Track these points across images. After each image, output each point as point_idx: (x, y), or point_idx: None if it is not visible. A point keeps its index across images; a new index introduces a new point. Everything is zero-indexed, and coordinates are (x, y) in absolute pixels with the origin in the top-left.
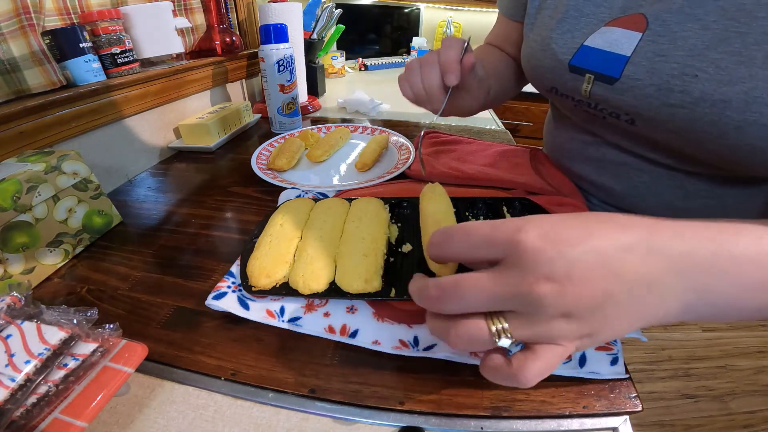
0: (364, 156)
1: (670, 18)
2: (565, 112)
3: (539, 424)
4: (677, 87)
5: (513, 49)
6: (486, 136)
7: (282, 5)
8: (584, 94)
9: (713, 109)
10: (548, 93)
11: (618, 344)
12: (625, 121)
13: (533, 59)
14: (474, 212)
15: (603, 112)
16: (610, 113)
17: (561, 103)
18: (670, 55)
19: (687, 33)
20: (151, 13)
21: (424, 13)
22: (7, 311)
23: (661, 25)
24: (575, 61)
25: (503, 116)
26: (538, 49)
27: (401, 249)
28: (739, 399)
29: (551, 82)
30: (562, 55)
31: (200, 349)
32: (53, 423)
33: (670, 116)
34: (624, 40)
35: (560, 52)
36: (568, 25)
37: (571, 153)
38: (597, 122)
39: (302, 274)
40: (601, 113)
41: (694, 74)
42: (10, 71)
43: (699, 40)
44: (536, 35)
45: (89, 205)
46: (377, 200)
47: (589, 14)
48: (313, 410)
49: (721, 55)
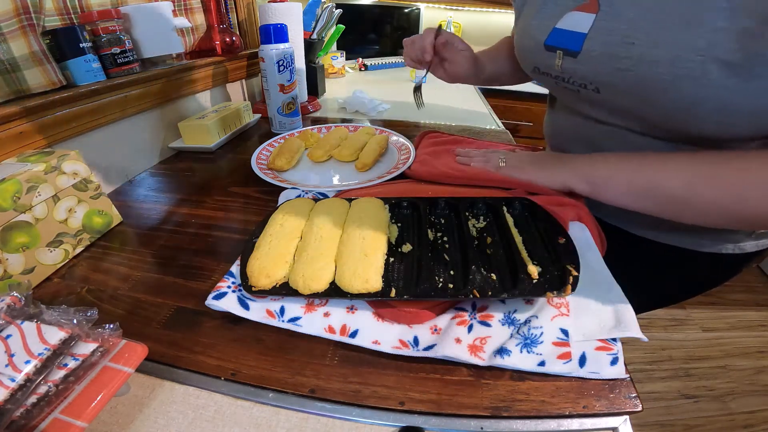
0: (364, 156)
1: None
2: (552, 91)
3: (539, 424)
4: (622, 53)
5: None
6: (486, 136)
7: (282, 5)
8: (557, 69)
9: (650, 69)
10: (533, 72)
11: (618, 344)
12: (592, 90)
13: (519, 43)
14: (474, 212)
15: (575, 84)
16: (580, 85)
17: (545, 82)
18: (614, 29)
19: (626, 9)
20: (151, 13)
21: (424, 13)
22: (7, 311)
23: (608, 6)
24: (549, 41)
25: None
26: (522, 35)
27: (401, 249)
28: (739, 399)
29: (533, 61)
30: (539, 36)
31: (200, 349)
32: (53, 423)
33: (621, 79)
34: (583, 21)
35: (537, 34)
36: (544, 13)
37: (566, 135)
38: (576, 97)
39: (302, 274)
40: (573, 86)
41: (631, 42)
42: (10, 71)
43: (634, 13)
44: (522, 23)
45: (89, 205)
46: (377, 200)
47: (561, 4)
48: (313, 410)
49: (650, 24)
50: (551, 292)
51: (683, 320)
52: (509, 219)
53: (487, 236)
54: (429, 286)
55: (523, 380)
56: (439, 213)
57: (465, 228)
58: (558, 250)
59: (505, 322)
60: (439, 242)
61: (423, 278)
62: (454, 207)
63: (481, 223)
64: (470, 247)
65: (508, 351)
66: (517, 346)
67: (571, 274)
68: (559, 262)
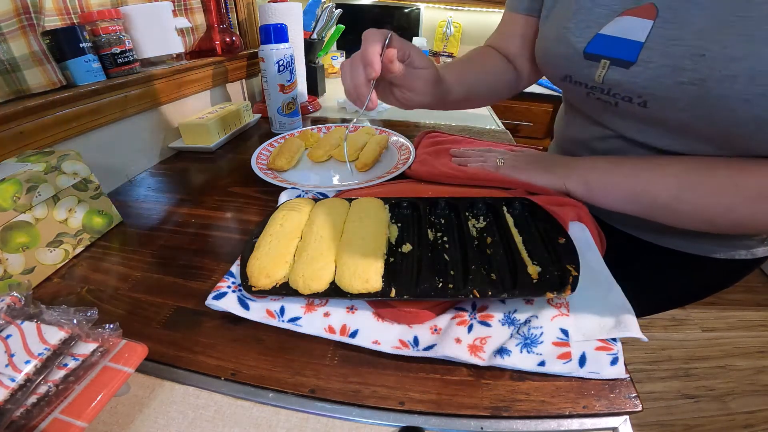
0: (364, 156)
1: (678, 6)
2: (577, 102)
3: (539, 424)
4: (688, 66)
5: (520, 47)
6: (486, 136)
7: (282, 5)
8: (597, 80)
9: (721, 84)
10: (562, 81)
11: (618, 344)
12: (638, 104)
13: (548, 49)
14: (474, 212)
15: (616, 97)
16: (623, 97)
17: (574, 92)
18: (679, 39)
19: (693, 18)
20: (151, 13)
21: (424, 13)
22: (7, 311)
23: (670, 13)
24: (590, 49)
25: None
26: (553, 39)
27: (401, 249)
28: (739, 399)
29: (566, 69)
30: (578, 43)
31: (200, 349)
32: (53, 423)
33: (682, 93)
34: (637, 27)
35: (576, 41)
36: (582, 16)
37: (580, 145)
38: (608, 110)
39: (302, 274)
40: (614, 98)
41: (701, 54)
42: (10, 71)
43: (704, 23)
44: (552, 26)
45: (89, 205)
46: (377, 200)
47: (602, 5)
48: (313, 410)
49: (726, 36)
50: (551, 292)
51: (683, 320)
52: (509, 219)
53: (487, 236)
54: (429, 286)
55: (523, 380)
56: (439, 213)
57: (465, 228)
58: (558, 250)
59: (505, 322)
60: (439, 242)
61: (423, 278)
62: (454, 207)
63: (481, 223)
64: (470, 247)
65: (508, 351)
66: (517, 346)
67: (571, 274)
68: (559, 263)
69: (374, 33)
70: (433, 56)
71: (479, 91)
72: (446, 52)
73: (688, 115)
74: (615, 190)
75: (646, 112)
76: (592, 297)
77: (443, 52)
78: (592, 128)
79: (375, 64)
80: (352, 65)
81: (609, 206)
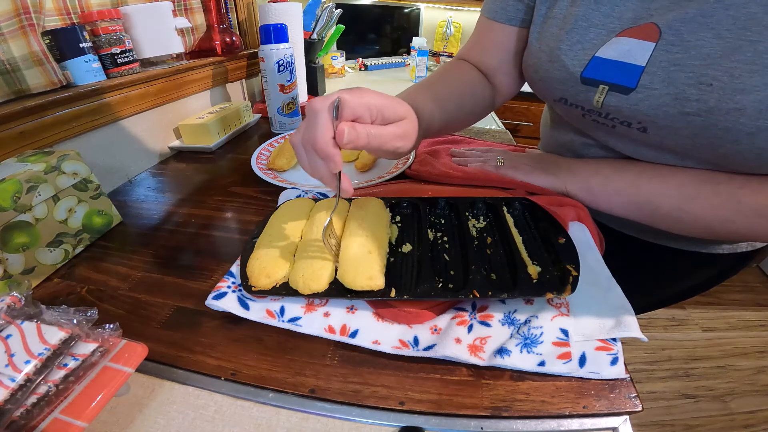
0: (364, 156)
1: (683, 27)
2: (570, 120)
3: (539, 424)
4: (693, 96)
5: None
6: (486, 136)
7: (282, 5)
8: (596, 105)
9: (728, 116)
10: (556, 103)
11: (618, 344)
12: (637, 129)
13: (541, 70)
14: (474, 212)
15: (614, 121)
16: (622, 122)
17: (567, 112)
18: (684, 65)
19: (700, 42)
20: (151, 13)
21: (424, 13)
22: (7, 311)
23: (674, 35)
24: (588, 73)
25: (503, 116)
26: (546, 60)
27: (401, 249)
28: (739, 399)
29: (561, 93)
30: (573, 67)
31: (200, 349)
32: (53, 423)
33: (685, 123)
34: (638, 50)
35: (571, 65)
36: (577, 35)
37: (568, 150)
38: (603, 130)
39: (302, 274)
40: (612, 122)
41: (709, 83)
42: (10, 71)
43: (713, 49)
44: (544, 45)
45: (89, 205)
46: (377, 200)
47: (599, 24)
48: (313, 410)
49: (735, 64)
50: (551, 292)
51: (683, 320)
52: (509, 219)
53: (487, 236)
54: (429, 286)
55: (523, 380)
56: (439, 213)
57: (465, 228)
58: (558, 250)
59: (505, 322)
60: (439, 242)
61: (423, 278)
62: (454, 207)
63: (481, 223)
64: (470, 247)
65: (508, 351)
66: (517, 346)
67: (571, 274)
68: (559, 263)
69: (319, 108)
70: (433, 56)
71: (459, 116)
72: (446, 52)
73: (690, 143)
74: (617, 197)
75: (645, 137)
76: (592, 297)
77: (443, 52)
78: (582, 138)
79: (334, 157)
80: (308, 154)
81: (610, 212)
